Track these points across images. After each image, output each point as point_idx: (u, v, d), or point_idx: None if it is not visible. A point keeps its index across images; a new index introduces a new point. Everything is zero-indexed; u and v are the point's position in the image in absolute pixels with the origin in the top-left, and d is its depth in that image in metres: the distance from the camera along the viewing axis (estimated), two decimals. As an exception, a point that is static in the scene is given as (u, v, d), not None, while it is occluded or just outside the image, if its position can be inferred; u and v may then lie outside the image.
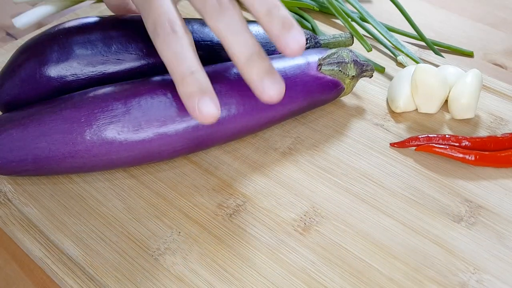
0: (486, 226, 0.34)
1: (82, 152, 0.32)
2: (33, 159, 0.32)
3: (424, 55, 0.48)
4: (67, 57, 0.35)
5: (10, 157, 0.32)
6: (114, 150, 0.33)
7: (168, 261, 0.32)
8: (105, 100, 0.33)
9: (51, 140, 0.32)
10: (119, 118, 0.32)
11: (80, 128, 0.32)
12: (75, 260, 0.32)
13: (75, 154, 0.32)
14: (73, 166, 0.33)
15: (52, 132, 0.32)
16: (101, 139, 0.32)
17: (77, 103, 0.33)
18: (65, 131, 0.32)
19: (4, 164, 0.32)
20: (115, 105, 0.32)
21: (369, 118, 0.42)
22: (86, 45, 0.35)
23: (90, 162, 0.33)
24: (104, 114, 0.32)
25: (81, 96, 0.33)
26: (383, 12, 0.55)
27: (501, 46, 0.52)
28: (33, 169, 0.33)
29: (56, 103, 0.33)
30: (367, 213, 0.35)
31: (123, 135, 0.32)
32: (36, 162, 0.32)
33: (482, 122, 0.41)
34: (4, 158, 0.32)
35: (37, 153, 0.32)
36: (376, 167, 0.38)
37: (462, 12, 0.57)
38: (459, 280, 0.31)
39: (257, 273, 0.32)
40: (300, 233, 0.34)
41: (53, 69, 0.35)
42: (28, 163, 0.32)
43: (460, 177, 0.37)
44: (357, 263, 0.32)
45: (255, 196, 0.36)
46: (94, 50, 0.35)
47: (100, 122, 0.32)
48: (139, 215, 0.35)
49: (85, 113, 0.32)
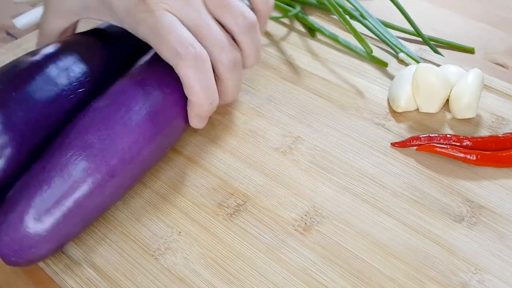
0: (487, 226, 0.34)
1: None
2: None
3: (425, 54, 0.48)
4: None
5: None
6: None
7: (169, 261, 0.32)
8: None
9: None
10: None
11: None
12: (76, 260, 0.32)
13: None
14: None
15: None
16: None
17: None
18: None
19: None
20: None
21: (370, 118, 0.42)
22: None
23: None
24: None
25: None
26: (382, 10, 0.55)
27: (502, 45, 0.52)
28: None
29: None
30: (368, 213, 0.35)
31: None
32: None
33: (484, 122, 0.41)
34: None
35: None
36: (377, 166, 0.38)
37: (463, 11, 0.57)
38: (460, 280, 0.31)
39: (257, 273, 0.32)
40: (301, 233, 0.34)
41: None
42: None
43: (461, 177, 0.37)
44: (357, 263, 0.32)
45: (255, 196, 0.36)
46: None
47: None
48: (139, 215, 0.35)
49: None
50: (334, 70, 0.47)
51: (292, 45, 0.49)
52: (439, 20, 0.55)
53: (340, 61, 0.48)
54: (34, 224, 0.29)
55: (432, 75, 0.40)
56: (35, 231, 0.29)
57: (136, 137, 0.32)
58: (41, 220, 0.29)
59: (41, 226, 0.29)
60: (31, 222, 0.29)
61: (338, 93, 0.44)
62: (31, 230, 0.29)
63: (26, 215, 0.29)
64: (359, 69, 0.47)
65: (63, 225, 0.30)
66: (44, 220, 0.29)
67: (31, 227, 0.28)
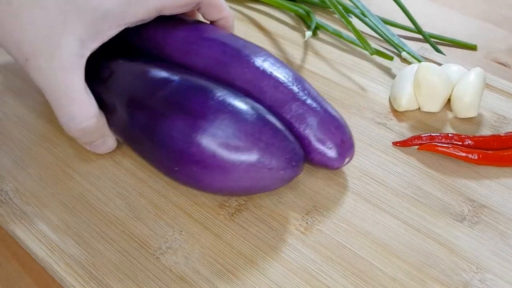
0: (489, 226, 0.34)
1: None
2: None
3: (427, 53, 0.48)
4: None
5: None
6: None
7: (170, 260, 0.32)
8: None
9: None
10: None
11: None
12: (77, 259, 0.32)
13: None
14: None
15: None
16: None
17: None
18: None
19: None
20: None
21: (372, 117, 0.42)
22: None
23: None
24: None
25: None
26: (383, 8, 0.55)
27: (504, 44, 0.52)
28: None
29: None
30: (369, 212, 0.35)
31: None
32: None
33: (485, 121, 0.41)
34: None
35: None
36: (379, 166, 0.38)
37: (465, 10, 0.56)
38: (462, 279, 0.31)
39: (258, 272, 0.32)
40: (302, 232, 0.34)
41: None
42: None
43: (463, 176, 0.37)
44: (359, 262, 0.32)
45: (257, 195, 0.36)
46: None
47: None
48: (140, 214, 0.35)
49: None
50: (336, 69, 0.46)
51: (293, 44, 0.49)
52: (441, 19, 0.55)
53: (342, 60, 0.47)
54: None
55: (434, 74, 0.40)
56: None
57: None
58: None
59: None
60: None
61: (339, 92, 0.44)
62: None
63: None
64: (361, 68, 0.47)
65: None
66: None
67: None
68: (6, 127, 0.41)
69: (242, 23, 0.52)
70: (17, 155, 0.39)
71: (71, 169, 0.38)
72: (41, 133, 0.40)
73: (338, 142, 0.34)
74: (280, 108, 0.34)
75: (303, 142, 0.34)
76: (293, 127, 0.34)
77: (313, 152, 0.34)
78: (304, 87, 0.35)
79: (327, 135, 0.34)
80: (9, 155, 0.39)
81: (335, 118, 0.35)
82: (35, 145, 0.40)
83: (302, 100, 0.34)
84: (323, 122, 0.34)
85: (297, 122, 0.34)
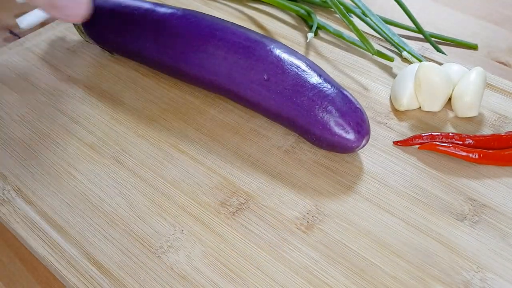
0: (489, 225, 0.34)
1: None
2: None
3: (428, 53, 0.48)
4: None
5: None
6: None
7: (171, 259, 0.32)
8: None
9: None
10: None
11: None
12: (78, 258, 0.33)
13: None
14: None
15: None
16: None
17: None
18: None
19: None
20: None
21: (372, 116, 0.42)
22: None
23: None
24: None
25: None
26: (384, 8, 0.55)
27: (505, 44, 0.52)
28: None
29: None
30: (370, 211, 0.35)
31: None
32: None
33: (486, 120, 0.41)
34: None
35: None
36: (379, 165, 0.38)
37: (466, 9, 0.56)
38: (462, 278, 0.31)
39: (259, 271, 0.32)
40: (303, 231, 0.34)
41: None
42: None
43: (464, 176, 0.37)
44: (360, 261, 0.32)
45: (258, 195, 0.36)
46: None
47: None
48: (142, 213, 0.35)
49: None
50: (337, 69, 0.47)
51: (294, 44, 0.49)
52: (442, 19, 0.55)
53: (343, 60, 0.48)
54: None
55: (435, 73, 0.40)
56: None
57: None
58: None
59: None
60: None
61: (340, 92, 0.44)
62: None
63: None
64: (362, 67, 0.47)
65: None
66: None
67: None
68: (8, 126, 0.41)
69: (243, 23, 0.52)
70: (19, 154, 0.39)
71: (73, 168, 0.38)
72: (43, 133, 0.41)
73: (358, 121, 0.35)
74: (303, 87, 0.36)
75: (324, 121, 0.35)
76: (316, 105, 0.36)
77: (332, 130, 0.35)
78: (322, 73, 0.37)
79: (348, 114, 0.35)
80: (11, 154, 0.39)
81: (351, 101, 0.36)
82: (37, 144, 0.40)
83: (323, 83, 0.36)
84: (344, 101, 0.36)
85: (319, 99, 0.36)
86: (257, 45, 0.38)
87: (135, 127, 0.41)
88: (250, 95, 0.38)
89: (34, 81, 0.45)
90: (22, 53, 0.48)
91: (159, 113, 0.42)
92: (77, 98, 0.43)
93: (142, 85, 0.45)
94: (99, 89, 0.44)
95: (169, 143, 0.40)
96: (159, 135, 0.40)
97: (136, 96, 0.44)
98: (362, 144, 0.36)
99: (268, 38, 0.40)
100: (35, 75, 0.46)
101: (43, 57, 0.47)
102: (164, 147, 0.39)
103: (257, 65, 0.38)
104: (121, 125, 0.41)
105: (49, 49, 0.48)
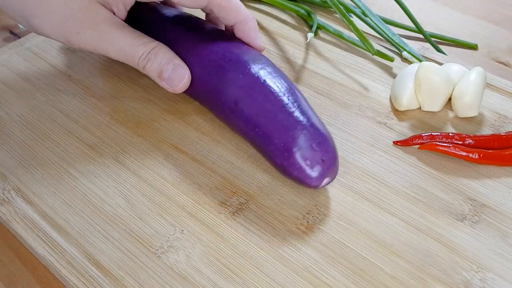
0: (489, 225, 0.34)
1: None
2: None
3: (428, 53, 0.48)
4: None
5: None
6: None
7: (171, 259, 0.32)
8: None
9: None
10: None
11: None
12: (78, 258, 0.33)
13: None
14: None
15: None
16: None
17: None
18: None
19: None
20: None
21: (372, 116, 0.42)
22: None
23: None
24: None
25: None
26: (384, 8, 0.55)
27: (505, 44, 0.52)
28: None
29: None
30: (370, 212, 0.35)
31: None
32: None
33: (486, 120, 0.41)
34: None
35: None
36: (379, 165, 0.38)
37: (466, 9, 0.56)
38: (462, 278, 0.31)
39: (260, 272, 0.32)
40: (303, 232, 0.34)
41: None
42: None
43: (464, 176, 0.37)
44: (360, 262, 0.32)
45: (258, 194, 0.36)
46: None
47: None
48: (142, 213, 0.35)
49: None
50: (337, 69, 0.47)
51: (294, 44, 0.49)
52: (442, 19, 0.55)
53: (343, 60, 0.48)
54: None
55: (435, 73, 0.40)
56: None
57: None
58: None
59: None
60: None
61: (340, 92, 0.44)
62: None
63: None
64: (362, 67, 0.47)
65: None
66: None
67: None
68: (8, 126, 0.41)
69: (243, 23, 0.52)
70: (19, 154, 0.39)
71: (73, 168, 0.38)
72: (43, 133, 0.41)
73: (318, 160, 0.33)
74: (266, 118, 0.34)
75: (284, 155, 0.33)
76: (275, 138, 0.34)
77: (292, 166, 0.33)
78: (295, 100, 0.35)
79: (308, 152, 0.33)
80: (11, 154, 0.39)
81: (320, 135, 0.33)
82: (37, 144, 0.40)
83: (290, 112, 0.34)
84: (306, 137, 0.33)
85: (280, 133, 0.33)
86: (232, 65, 0.37)
87: (135, 127, 0.41)
88: (221, 117, 0.38)
89: (34, 81, 0.45)
90: (22, 53, 0.48)
91: (159, 113, 0.42)
92: (77, 98, 0.43)
93: (142, 85, 0.45)
94: (99, 89, 0.44)
95: (169, 143, 0.40)
96: (159, 135, 0.40)
97: (136, 96, 0.44)
98: (323, 183, 0.34)
99: (253, 54, 0.38)
100: (35, 75, 0.46)
101: (43, 57, 0.47)
102: (164, 147, 0.39)
103: (226, 88, 0.36)
104: (121, 125, 0.41)
105: (49, 49, 0.48)
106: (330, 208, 0.35)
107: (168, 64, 0.38)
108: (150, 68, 0.38)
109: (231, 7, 0.39)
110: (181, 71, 0.38)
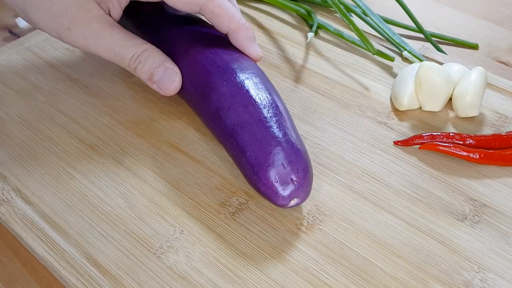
0: (490, 225, 0.34)
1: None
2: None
3: (428, 52, 0.48)
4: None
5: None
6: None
7: (171, 260, 0.32)
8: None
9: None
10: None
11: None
12: (78, 258, 0.32)
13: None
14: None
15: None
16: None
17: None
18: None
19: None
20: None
21: (373, 116, 0.42)
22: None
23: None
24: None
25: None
26: (384, 8, 0.55)
27: (505, 43, 0.52)
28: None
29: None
30: (370, 212, 0.35)
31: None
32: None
33: (487, 120, 0.41)
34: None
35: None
36: (380, 165, 0.38)
37: (467, 9, 0.56)
38: (463, 279, 0.31)
39: (260, 272, 0.32)
40: (303, 232, 0.34)
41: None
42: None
43: (464, 176, 0.37)
44: (360, 262, 0.32)
45: (258, 195, 0.36)
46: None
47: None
48: (141, 214, 0.35)
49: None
50: (337, 68, 0.46)
51: (294, 43, 0.49)
52: (442, 18, 0.55)
53: (343, 60, 0.47)
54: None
55: (435, 73, 0.40)
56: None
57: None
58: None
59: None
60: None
61: (340, 92, 0.44)
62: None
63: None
64: (362, 67, 0.47)
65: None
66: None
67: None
68: (7, 126, 0.41)
69: (243, 23, 0.52)
70: (18, 154, 0.39)
71: (72, 168, 0.38)
72: (43, 132, 0.41)
73: (287, 180, 0.31)
74: (242, 129, 0.33)
75: (254, 169, 0.32)
76: (247, 151, 0.32)
77: (260, 182, 0.32)
78: (276, 113, 0.34)
79: (278, 169, 0.31)
80: (10, 154, 0.39)
81: (293, 153, 0.32)
82: (36, 144, 0.40)
83: (267, 126, 0.33)
84: (279, 154, 0.32)
85: (253, 146, 0.32)
86: (219, 71, 0.36)
87: (135, 127, 0.41)
88: (205, 123, 0.38)
89: (34, 81, 0.45)
90: (22, 52, 0.48)
91: (159, 113, 0.42)
92: (77, 98, 0.43)
93: (142, 85, 0.45)
94: (99, 89, 0.44)
95: (169, 143, 0.40)
96: (159, 135, 0.40)
97: (136, 96, 0.44)
98: (291, 203, 0.32)
99: (243, 63, 0.37)
100: (35, 75, 0.46)
101: (43, 57, 0.47)
102: (164, 147, 0.39)
103: (210, 95, 0.36)
104: (121, 125, 0.41)
105: (49, 49, 0.48)
106: (330, 208, 0.35)
107: (159, 67, 0.37)
108: (141, 71, 0.38)
109: (223, 15, 0.38)
110: (172, 74, 0.37)
